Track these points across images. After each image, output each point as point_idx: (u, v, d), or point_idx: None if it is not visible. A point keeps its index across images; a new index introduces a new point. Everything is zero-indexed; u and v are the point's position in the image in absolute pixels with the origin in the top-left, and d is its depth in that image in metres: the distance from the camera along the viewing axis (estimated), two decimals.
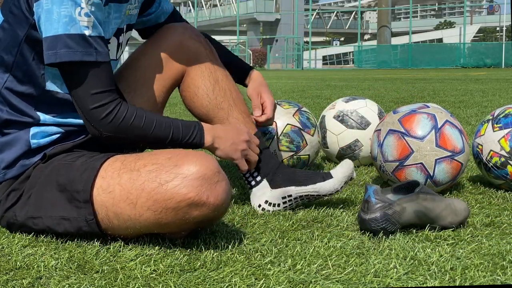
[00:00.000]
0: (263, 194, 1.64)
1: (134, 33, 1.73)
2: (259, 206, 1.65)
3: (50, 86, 1.41)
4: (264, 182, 1.64)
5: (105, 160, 1.34)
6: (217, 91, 1.64)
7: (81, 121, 1.44)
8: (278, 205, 1.63)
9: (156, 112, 1.58)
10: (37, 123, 1.41)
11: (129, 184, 1.26)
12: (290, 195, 1.62)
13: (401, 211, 1.40)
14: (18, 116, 1.40)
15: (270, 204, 1.64)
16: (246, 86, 1.78)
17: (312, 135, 2.11)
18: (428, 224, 1.43)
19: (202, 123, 1.47)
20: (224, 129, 1.49)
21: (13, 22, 1.36)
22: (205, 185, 1.23)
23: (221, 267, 1.19)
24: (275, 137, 2.05)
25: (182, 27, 1.65)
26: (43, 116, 1.42)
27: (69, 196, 1.32)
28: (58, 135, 1.43)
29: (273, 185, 1.63)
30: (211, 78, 1.64)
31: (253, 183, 1.66)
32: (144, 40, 1.71)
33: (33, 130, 1.41)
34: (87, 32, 1.30)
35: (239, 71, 1.78)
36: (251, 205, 1.67)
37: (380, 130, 1.88)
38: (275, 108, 1.76)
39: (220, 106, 1.64)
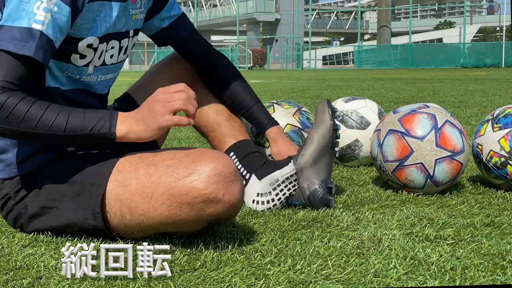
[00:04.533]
0: (253, 189, 1.67)
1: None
2: (253, 201, 1.66)
3: (50, 83, 1.40)
4: (253, 178, 1.68)
5: (122, 155, 1.35)
6: (219, 109, 1.78)
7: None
8: (270, 193, 1.65)
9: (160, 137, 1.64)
10: None
11: (145, 178, 1.27)
12: (277, 179, 1.65)
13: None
14: None
15: (262, 195, 1.65)
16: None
17: None
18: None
19: (120, 113, 1.31)
20: (139, 110, 1.32)
21: None
22: (221, 182, 1.24)
23: (221, 267, 1.19)
24: None
25: (180, 67, 1.75)
26: None
27: (82, 188, 1.33)
28: None
29: (260, 176, 1.67)
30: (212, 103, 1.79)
31: (243, 182, 1.67)
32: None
33: None
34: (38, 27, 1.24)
35: (255, 123, 1.82)
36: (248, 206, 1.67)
37: (380, 130, 1.89)
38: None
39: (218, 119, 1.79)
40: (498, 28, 53.48)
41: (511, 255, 1.25)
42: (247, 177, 1.69)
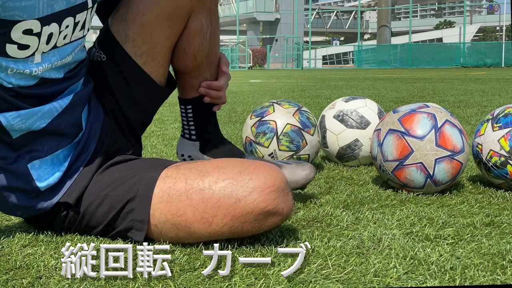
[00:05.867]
0: (188, 150, 1.66)
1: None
2: (182, 155, 1.67)
3: None
4: (196, 145, 1.64)
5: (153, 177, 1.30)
6: (203, 55, 1.49)
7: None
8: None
9: (164, 75, 1.49)
10: (13, 143, 1.28)
11: (202, 204, 1.24)
12: None
13: None
14: None
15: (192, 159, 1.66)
16: None
17: (312, 135, 2.11)
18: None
19: None
20: None
21: None
22: (280, 197, 1.25)
23: (221, 267, 1.19)
24: (275, 136, 2.05)
25: None
26: (3, 118, 1.25)
27: (122, 218, 1.32)
28: (64, 165, 1.35)
29: (204, 151, 1.64)
30: (205, 38, 1.47)
31: (187, 136, 1.65)
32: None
33: (34, 164, 1.31)
34: None
35: None
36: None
37: (380, 129, 1.89)
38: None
39: (201, 67, 1.51)
40: (498, 28, 53.49)
41: (511, 255, 1.25)
42: (193, 138, 1.64)
